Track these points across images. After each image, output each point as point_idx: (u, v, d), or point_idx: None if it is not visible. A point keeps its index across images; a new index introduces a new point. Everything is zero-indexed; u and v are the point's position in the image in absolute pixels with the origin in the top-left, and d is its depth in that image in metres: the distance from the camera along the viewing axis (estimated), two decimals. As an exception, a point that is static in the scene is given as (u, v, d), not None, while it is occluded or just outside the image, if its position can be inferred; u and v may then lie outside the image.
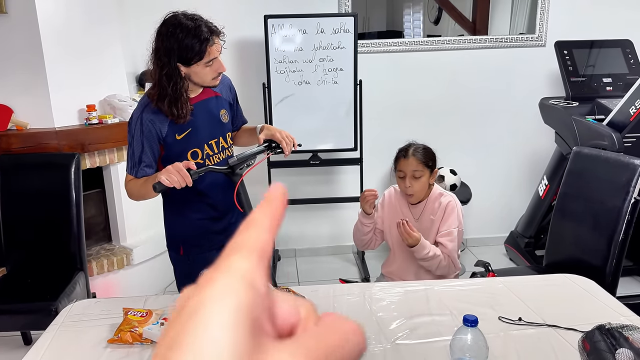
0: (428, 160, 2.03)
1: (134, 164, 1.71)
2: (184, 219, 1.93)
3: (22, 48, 2.74)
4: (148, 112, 1.70)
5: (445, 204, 2.02)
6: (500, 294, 1.67)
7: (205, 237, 1.94)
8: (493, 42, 3.61)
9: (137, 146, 1.70)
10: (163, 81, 1.65)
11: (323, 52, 3.26)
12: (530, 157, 3.79)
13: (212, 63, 1.69)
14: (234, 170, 1.79)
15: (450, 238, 1.94)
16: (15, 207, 2.60)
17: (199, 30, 1.62)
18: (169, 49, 1.64)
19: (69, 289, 2.40)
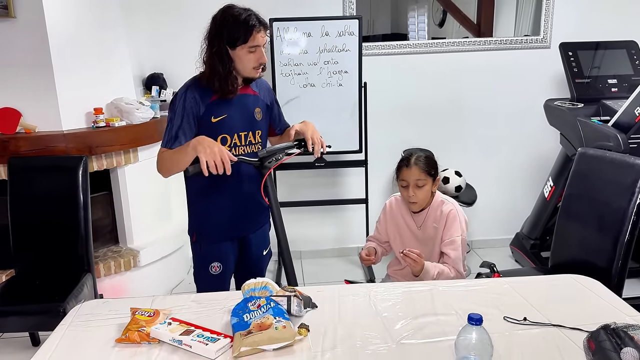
0: (430, 169, 2.04)
1: (171, 138, 1.82)
2: (201, 206, 2.00)
3: (31, 52, 2.77)
4: (192, 90, 1.84)
5: (447, 212, 2.03)
6: (505, 294, 1.67)
7: (216, 229, 2.00)
8: (497, 44, 3.62)
9: (176, 121, 1.82)
10: (214, 60, 1.80)
11: (328, 55, 3.27)
12: (535, 158, 3.79)
13: (255, 50, 1.82)
14: (262, 163, 1.86)
15: (453, 247, 1.95)
16: (24, 210, 2.62)
17: (248, 17, 1.78)
18: (219, 31, 1.79)
19: (77, 290, 2.42)
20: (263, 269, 2.19)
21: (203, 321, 1.54)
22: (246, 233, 2.07)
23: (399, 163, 2.10)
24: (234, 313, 1.50)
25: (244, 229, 2.06)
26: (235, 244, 2.05)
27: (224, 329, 1.49)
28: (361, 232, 3.71)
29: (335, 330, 1.48)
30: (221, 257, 2.01)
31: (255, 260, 2.14)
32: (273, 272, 3.63)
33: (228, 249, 2.03)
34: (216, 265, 2.01)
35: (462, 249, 1.98)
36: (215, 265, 2.01)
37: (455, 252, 1.95)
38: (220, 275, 2.02)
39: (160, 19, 3.46)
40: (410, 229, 2.13)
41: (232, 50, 1.81)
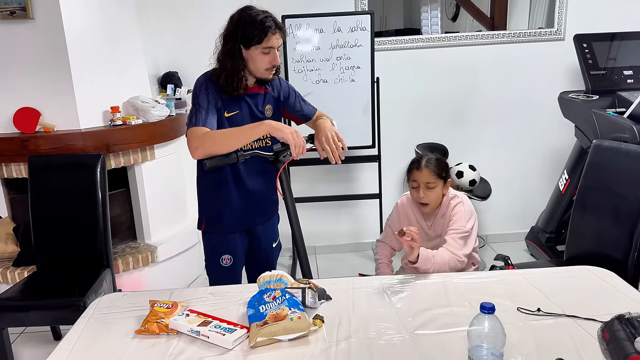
0: (441, 171, 2.04)
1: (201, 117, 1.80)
2: (210, 198, 2.03)
3: (49, 53, 2.83)
4: (210, 83, 1.87)
5: (453, 205, 2.03)
6: (519, 285, 1.68)
7: (224, 221, 2.03)
8: (511, 37, 3.60)
9: (203, 102, 1.83)
10: (225, 57, 1.82)
11: (340, 51, 3.29)
12: (550, 151, 3.77)
13: (269, 52, 1.84)
14: (277, 157, 1.89)
15: (456, 234, 1.93)
16: (44, 207, 2.67)
17: (265, 19, 1.80)
18: (235, 30, 1.82)
19: (96, 285, 2.46)
20: (273, 261, 2.23)
21: (220, 313, 1.57)
22: (254, 225, 2.10)
23: (409, 165, 2.11)
24: (250, 305, 1.53)
25: (252, 221, 2.09)
26: (244, 237, 2.09)
27: (240, 320, 1.52)
28: (375, 227, 3.72)
29: (350, 321, 1.50)
30: (231, 249, 2.05)
31: (264, 253, 2.17)
32: (288, 267, 3.66)
33: (237, 241, 2.06)
34: (227, 258, 2.04)
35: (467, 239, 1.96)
36: (226, 258, 2.04)
37: (457, 242, 1.91)
38: (231, 267, 2.05)
39: (175, 18, 3.51)
40: (422, 227, 2.13)
41: (246, 50, 1.83)
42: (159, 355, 1.37)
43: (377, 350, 1.34)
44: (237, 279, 2.10)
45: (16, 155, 2.80)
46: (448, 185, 2.07)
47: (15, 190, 3.13)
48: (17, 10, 2.76)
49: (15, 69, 2.85)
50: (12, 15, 2.77)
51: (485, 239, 3.92)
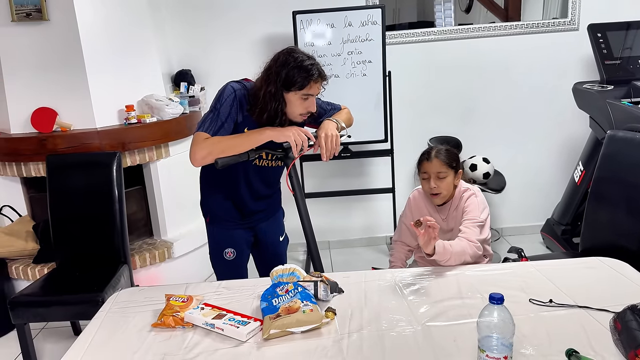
0: (452, 161, 2.03)
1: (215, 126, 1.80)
2: (219, 192, 2.05)
3: (64, 53, 2.88)
4: (240, 94, 1.85)
5: (466, 197, 2.03)
6: (531, 277, 1.68)
7: (231, 217, 2.06)
8: (524, 28, 3.57)
9: (223, 111, 1.81)
10: (267, 98, 1.80)
11: (351, 45, 3.29)
12: (565, 143, 3.74)
13: (308, 99, 1.83)
14: (287, 154, 1.91)
15: (470, 223, 1.92)
16: (62, 205, 2.72)
17: (310, 66, 1.78)
18: (278, 72, 1.78)
19: (114, 281, 2.51)
20: (282, 254, 2.25)
21: (234, 306, 1.60)
22: (258, 223, 2.13)
23: (420, 157, 2.11)
24: (264, 298, 1.55)
25: (255, 220, 2.12)
26: (248, 232, 2.12)
27: (254, 313, 1.55)
28: (389, 221, 3.73)
29: (362, 314, 1.51)
30: (234, 244, 2.08)
31: (272, 247, 2.20)
32: (302, 262, 3.69)
33: (241, 236, 2.09)
34: (230, 251, 2.07)
35: (482, 228, 1.96)
36: (229, 251, 2.07)
37: (472, 230, 1.90)
38: (235, 261, 2.09)
39: (187, 16, 3.54)
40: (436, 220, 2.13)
41: (285, 93, 1.81)
42: (175, 348, 1.40)
43: (389, 342, 1.36)
44: (241, 272, 2.12)
45: (34, 155, 2.86)
46: (459, 176, 2.07)
47: (34, 189, 3.20)
48: (32, 12, 2.81)
49: (32, 70, 2.91)
50: (28, 17, 2.82)
51: (500, 232, 3.90)
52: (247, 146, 1.80)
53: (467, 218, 1.94)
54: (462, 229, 1.91)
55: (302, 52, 1.81)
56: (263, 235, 2.17)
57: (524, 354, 1.26)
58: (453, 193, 2.08)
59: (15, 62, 2.91)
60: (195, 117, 3.43)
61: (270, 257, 2.19)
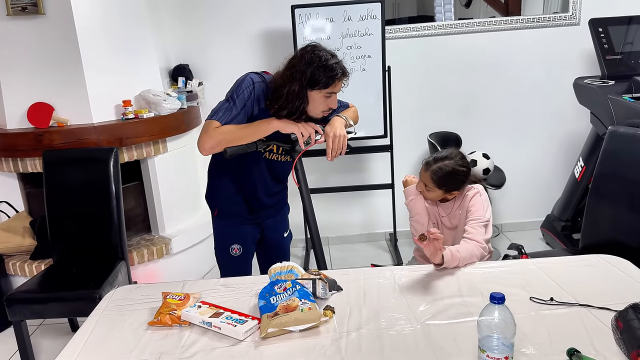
0: (441, 184, 2.00)
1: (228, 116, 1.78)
2: (229, 186, 2.03)
3: (61, 48, 2.85)
4: (259, 88, 1.83)
5: (470, 196, 2.01)
6: (532, 275, 1.66)
7: (239, 212, 2.05)
8: (525, 23, 3.54)
9: (239, 103, 1.79)
10: (290, 96, 1.78)
11: (350, 40, 3.26)
12: (565, 138, 3.72)
13: (330, 97, 1.82)
14: (294, 146, 1.90)
15: (476, 223, 1.91)
16: (59, 201, 2.70)
17: (335, 65, 1.77)
18: (303, 70, 1.76)
19: (112, 277, 2.49)
20: (285, 250, 2.25)
21: (231, 304, 1.58)
22: (265, 219, 2.12)
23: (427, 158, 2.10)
24: (261, 296, 1.53)
25: (263, 216, 2.11)
26: (255, 227, 2.11)
27: (252, 311, 1.53)
28: (388, 218, 3.71)
29: (360, 312, 1.50)
30: (241, 239, 2.07)
31: (276, 243, 2.20)
32: (301, 259, 3.67)
33: (247, 232, 2.08)
34: (236, 247, 2.07)
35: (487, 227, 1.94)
36: (236, 247, 2.06)
37: (477, 230, 1.89)
38: (241, 257, 2.08)
39: (185, 11, 3.51)
40: (439, 216, 2.12)
41: (309, 91, 1.79)
42: (172, 347, 1.39)
43: (388, 341, 1.34)
44: (246, 268, 2.12)
45: (31, 150, 2.84)
46: (453, 195, 2.04)
47: (31, 185, 3.17)
48: (28, 6, 2.78)
49: (28, 65, 2.88)
50: (24, 11, 2.79)
51: (500, 228, 3.88)
52: (255, 136, 1.80)
53: (472, 218, 1.93)
54: (468, 229, 1.89)
55: (326, 50, 1.80)
56: (269, 231, 2.16)
57: (524, 353, 1.24)
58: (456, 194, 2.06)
59: (11, 57, 2.88)
60: (193, 112, 3.40)
61: (274, 253, 2.19)
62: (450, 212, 2.08)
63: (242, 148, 1.78)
